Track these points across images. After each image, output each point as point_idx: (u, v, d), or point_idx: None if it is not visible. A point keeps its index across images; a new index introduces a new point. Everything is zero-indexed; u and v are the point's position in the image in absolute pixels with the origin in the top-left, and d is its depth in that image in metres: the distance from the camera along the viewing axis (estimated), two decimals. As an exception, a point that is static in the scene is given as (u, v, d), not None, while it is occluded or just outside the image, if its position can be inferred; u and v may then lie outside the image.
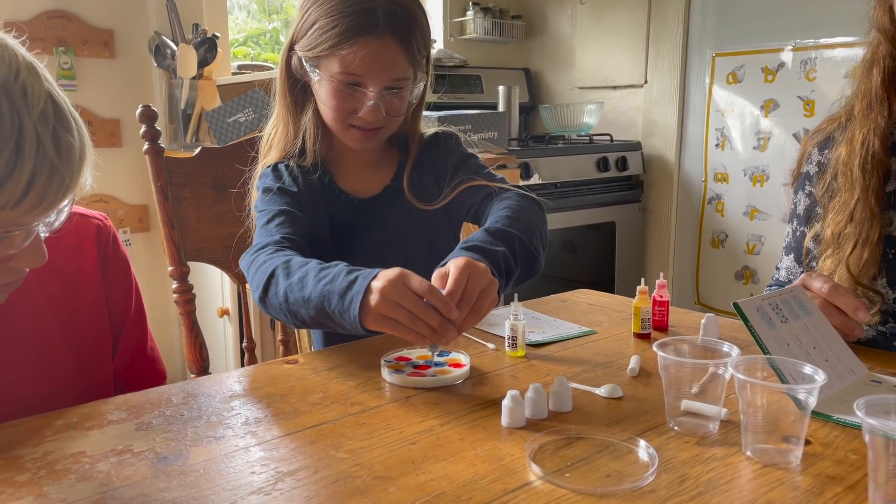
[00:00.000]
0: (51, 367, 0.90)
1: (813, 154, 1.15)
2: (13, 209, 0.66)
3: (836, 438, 0.72)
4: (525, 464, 0.66)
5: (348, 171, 1.21)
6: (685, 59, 3.00)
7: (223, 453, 0.68)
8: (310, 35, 1.07)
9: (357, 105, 1.09)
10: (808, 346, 0.85)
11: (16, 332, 0.87)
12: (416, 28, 1.08)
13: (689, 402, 0.75)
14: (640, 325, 1.04)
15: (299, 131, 1.18)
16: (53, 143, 0.68)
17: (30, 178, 0.66)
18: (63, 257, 0.91)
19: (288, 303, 0.91)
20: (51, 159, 0.67)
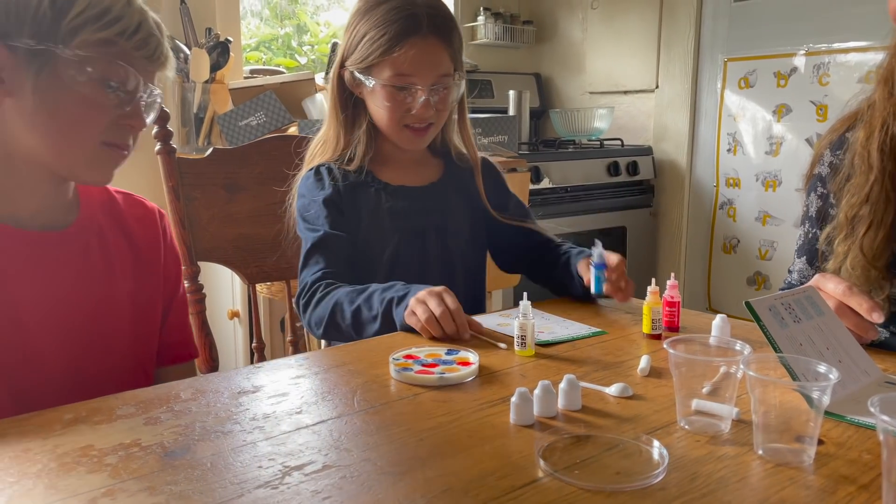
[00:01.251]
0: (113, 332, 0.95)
1: (825, 155, 1.15)
2: (128, 40, 0.84)
3: (849, 438, 0.71)
4: (533, 461, 0.66)
5: (392, 169, 1.29)
6: (697, 63, 2.99)
7: (230, 448, 0.68)
8: (360, 48, 1.19)
9: (409, 104, 1.19)
10: (822, 347, 0.84)
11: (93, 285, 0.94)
12: (454, 29, 1.21)
13: (701, 401, 0.74)
14: (650, 325, 1.03)
15: (351, 142, 1.27)
16: (153, 20, 0.88)
17: (138, 21, 0.85)
18: (134, 223, 1.01)
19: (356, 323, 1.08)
20: (150, 25, 0.87)
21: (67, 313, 0.90)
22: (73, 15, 0.81)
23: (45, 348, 0.88)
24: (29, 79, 0.82)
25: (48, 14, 0.81)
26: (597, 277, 1.11)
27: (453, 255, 1.27)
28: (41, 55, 0.81)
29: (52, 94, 0.83)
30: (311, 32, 3.50)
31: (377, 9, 1.18)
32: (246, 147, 1.50)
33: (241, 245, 1.47)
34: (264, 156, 1.50)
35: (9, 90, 0.83)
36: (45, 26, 0.81)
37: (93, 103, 0.85)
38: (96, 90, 0.85)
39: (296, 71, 3.11)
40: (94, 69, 0.83)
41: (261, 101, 2.37)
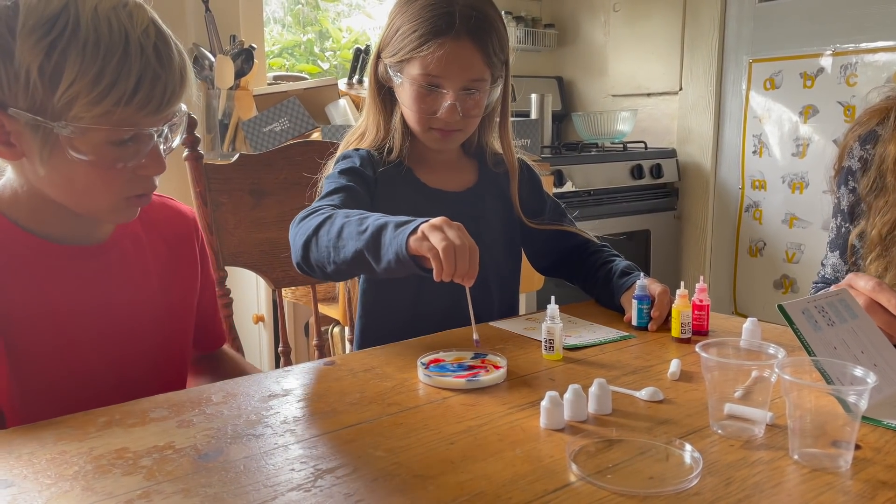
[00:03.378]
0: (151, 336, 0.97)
1: (854, 149, 1.13)
2: (126, 106, 0.78)
3: (887, 443, 0.69)
4: (565, 465, 0.65)
5: (430, 169, 1.26)
6: (721, 65, 2.96)
7: (262, 451, 0.69)
8: (394, 41, 1.15)
9: (436, 106, 1.15)
10: (856, 350, 0.83)
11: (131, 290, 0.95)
12: (492, 31, 1.14)
13: (733, 406, 0.73)
14: (679, 329, 1.02)
15: (390, 131, 1.24)
16: (155, 54, 0.80)
17: (137, 78, 0.78)
18: (169, 227, 1.02)
19: (339, 237, 0.96)
20: (153, 66, 0.79)
21: (107, 320, 0.92)
22: (64, 88, 0.76)
23: (88, 355, 0.90)
24: (36, 147, 0.80)
25: (39, 87, 0.76)
26: (639, 310, 1.09)
27: (486, 264, 1.19)
28: (41, 128, 0.78)
29: (60, 164, 0.81)
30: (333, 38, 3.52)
31: (416, 2, 1.13)
32: (271, 153, 1.51)
33: (266, 250, 1.48)
34: (289, 161, 1.51)
35: (21, 153, 0.81)
36: (38, 99, 0.77)
37: (105, 167, 0.82)
38: (106, 153, 0.81)
39: (318, 77, 3.13)
40: (98, 140, 0.80)
41: (285, 106, 2.39)
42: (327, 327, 2.29)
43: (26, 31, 0.76)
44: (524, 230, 1.29)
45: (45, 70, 0.76)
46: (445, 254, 0.85)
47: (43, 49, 0.75)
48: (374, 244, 0.93)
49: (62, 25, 0.76)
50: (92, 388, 0.88)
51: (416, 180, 1.23)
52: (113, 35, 0.77)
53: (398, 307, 1.22)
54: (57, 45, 0.76)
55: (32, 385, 0.85)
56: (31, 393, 0.85)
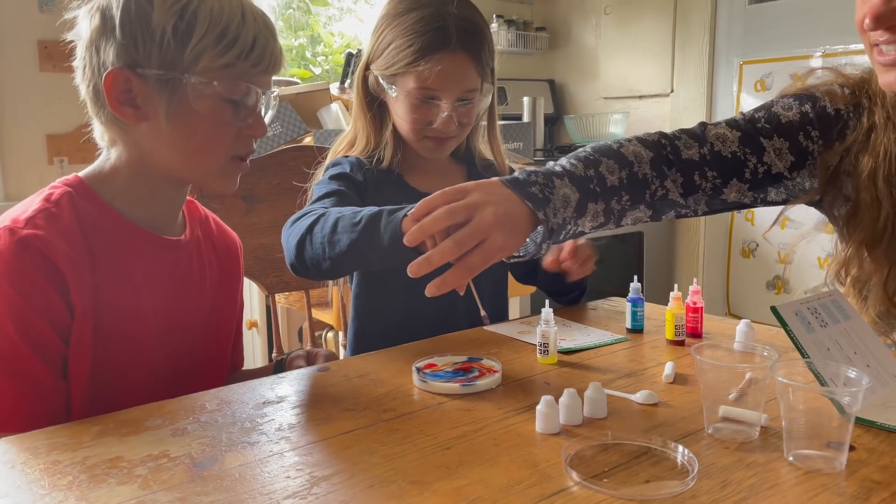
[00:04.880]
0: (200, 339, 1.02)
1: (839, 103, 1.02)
2: (245, 60, 0.88)
3: (881, 444, 0.70)
4: (561, 469, 0.65)
5: (420, 174, 1.26)
6: (712, 67, 2.97)
7: (258, 458, 0.68)
8: (386, 54, 1.15)
9: (432, 117, 1.16)
10: (849, 351, 0.83)
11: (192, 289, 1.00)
12: (484, 41, 1.17)
13: (728, 408, 0.73)
14: (673, 331, 1.03)
15: (380, 143, 1.24)
16: (264, 23, 0.91)
17: (253, 37, 0.88)
18: (221, 244, 1.08)
19: (334, 232, 0.97)
20: (264, 31, 0.90)
21: (170, 313, 0.96)
22: (195, 42, 0.85)
23: (151, 344, 0.94)
24: (162, 105, 0.87)
25: (172, 43, 0.85)
26: (633, 313, 1.09)
27: None
28: (170, 83, 0.87)
29: (183, 119, 0.88)
30: (324, 43, 3.52)
31: (407, 15, 1.14)
32: (263, 158, 1.51)
33: (260, 256, 1.48)
34: (282, 167, 1.51)
35: (144, 115, 0.88)
36: (170, 55, 0.86)
37: (220, 122, 0.90)
38: (222, 109, 0.90)
39: (310, 81, 3.13)
40: (219, 92, 0.88)
41: (276, 111, 2.38)
42: (321, 332, 2.29)
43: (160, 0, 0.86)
44: None
45: (178, 29, 0.86)
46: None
47: (177, 12, 0.86)
48: (369, 232, 0.93)
49: None
50: (149, 375, 0.93)
51: (406, 185, 1.23)
52: (232, 4, 0.88)
53: (390, 309, 1.22)
54: (188, 7, 0.86)
55: (104, 360, 0.88)
56: (100, 376, 0.88)
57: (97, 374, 0.88)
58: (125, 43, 0.86)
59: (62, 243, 0.85)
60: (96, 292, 0.87)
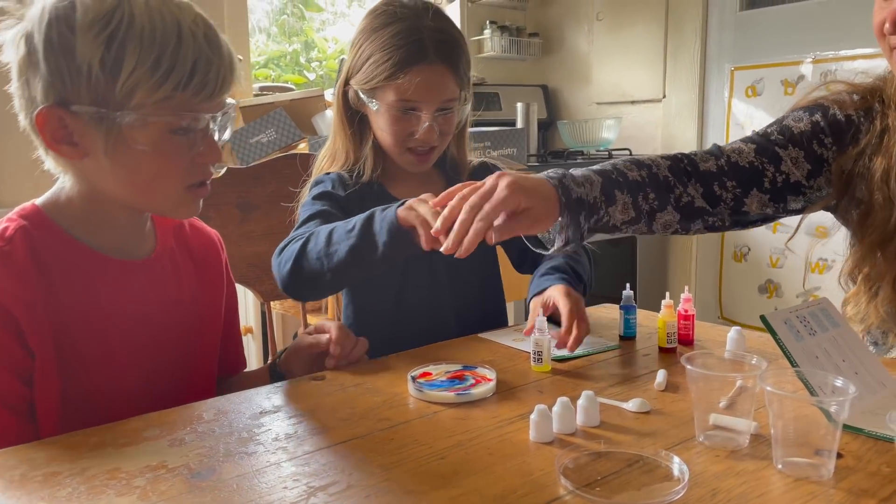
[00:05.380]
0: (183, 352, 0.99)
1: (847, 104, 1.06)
2: (184, 90, 0.82)
3: (868, 451, 0.71)
4: (555, 478, 0.66)
5: (400, 184, 1.27)
6: (704, 72, 3.00)
7: (255, 469, 0.69)
8: (365, 69, 1.17)
9: (413, 128, 1.17)
10: (837, 359, 0.84)
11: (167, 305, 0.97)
12: (460, 51, 1.18)
13: (719, 416, 0.75)
14: (665, 339, 1.04)
15: (359, 158, 1.25)
16: (206, 41, 0.83)
17: (192, 63, 0.81)
18: (199, 248, 1.04)
19: (329, 243, 1.02)
20: (206, 52, 0.83)
21: (145, 333, 0.94)
22: (126, 76, 0.79)
23: (126, 367, 0.92)
24: (100, 141, 0.82)
25: (101, 78, 0.79)
26: (626, 320, 1.10)
27: (463, 270, 1.24)
28: (105, 120, 0.81)
29: (125, 155, 0.83)
30: (318, 48, 3.53)
31: (383, 30, 1.15)
32: (258, 166, 1.52)
33: (255, 263, 1.48)
34: (276, 174, 1.52)
35: (84, 151, 0.83)
36: (100, 91, 0.80)
37: (165, 155, 0.85)
38: (166, 142, 0.84)
39: (304, 87, 3.13)
40: (159, 125, 0.83)
41: (271, 118, 2.39)
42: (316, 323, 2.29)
43: (85, 27, 0.79)
44: None
45: (106, 62, 0.79)
46: (435, 217, 0.92)
47: (103, 42, 0.79)
48: (365, 234, 0.99)
49: (118, 19, 0.79)
50: (127, 400, 0.90)
51: (388, 196, 1.24)
52: (166, 25, 0.81)
53: (380, 315, 1.24)
54: (116, 36, 0.79)
55: (75, 393, 0.87)
56: (72, 400, 0.86)
57: (68, 409, 0.85)
58: (51, 80, 0.80)
59: (15, 286, 0.82)
60: (57, 329, 0.84)
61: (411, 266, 1.22)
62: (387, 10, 1.17)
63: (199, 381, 1.02)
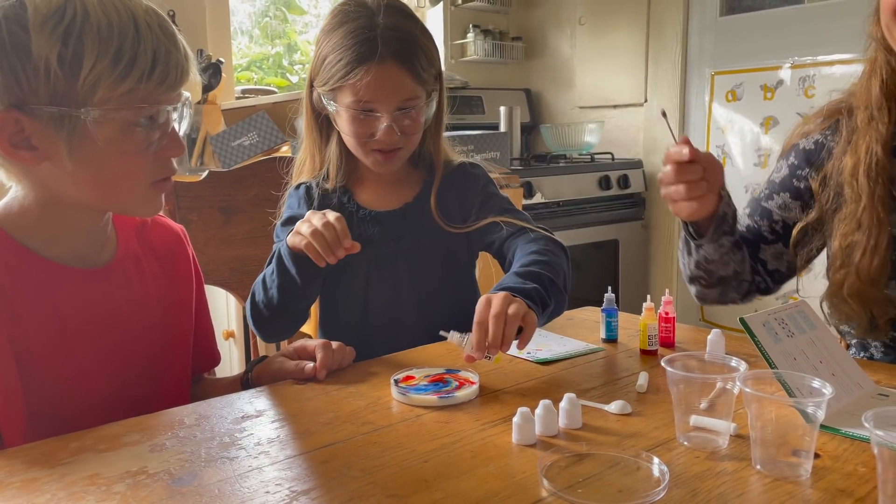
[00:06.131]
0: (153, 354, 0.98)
1: (814, 133, 1.15)
2: (148, 81, 0.80)
3: (844, 452, 0.72)
4: (537, 480, 0.67)
5: (371, 189, 1.26)
6: (684, 77, 3.03)
7: (237, 474, 0.69)
8: (323, 71, 1.15)
9: (373, 129, 1.15)
10: (815, 361, 0.86)
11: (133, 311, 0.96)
12: (417, 49, 1.14)
13: (699, 418, 0.75)
14: (646, 341, 1.05)
15: (325, 161, 1.25)
16: (162, 31, 0.82)
17: (153, 53, 0.80)
18: (163, 246, 1.02)
19: (265, 291, 1.11)
20: (164, 42, 0.81)
21: (112, 341, 0.92)
22: (87, 71, 0.76)
23: (95, 377, 0.90)
24: (62, 142, 0.79)
25: (60, 76, 0.76)
26: (608, 323, 1.11)
27: (428, 278, 1.21)
28: (67, 120, 0.78)
29: (89, 155, 0.81)
30: (301, 51, 3.52)
31: (337, 30, 1.13)
32: (241, 169, 1.51)
33: (237, 267, 1.47)
34: (259, 178, 1.51)
35: (44, 155, 0.80)
36: (60, 89, 0.77)
37: (130, 151, 0.83)
38: (130, 138, 0.82)
39: (287, 90, 3.13)
40: (122, 120, 0.81)
41: (253, 121, 2.38)
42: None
43: (38, 24, 0.76)
44: (476, 234, 1.23)
45: (64, 58, 0.76)
46: (313, 237, 1.01)
47: (59, 38, 0.76)
48: (282, 271, 1.08)
49: (72, 13, 0.77)
50: (97, 409, 0.88)
51: (353, 203, 1.24)
52: (121, 16, 0.79)
53: (348, 319, 1.23)
54: (72, 31, 0.76)
55: (40, 405, 0.85)
56: (38, 413, 0.85)
57: (35, 421, 0.84)
58: (6, 81, 0.76)
59: None
60: (17, 342, 0.83)
61: (374, 274, 1.21)
62: (342, 9, 1.15)
63: (172, 384, 1.00)
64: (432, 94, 1.18)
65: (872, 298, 1.03)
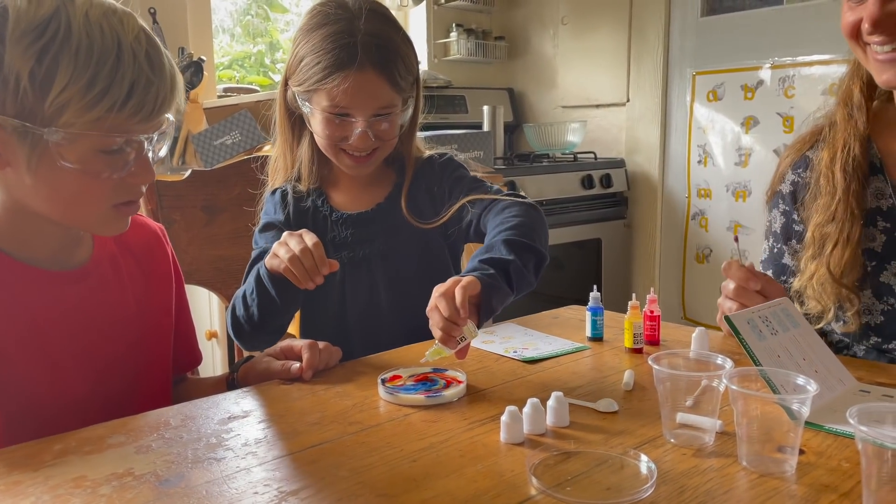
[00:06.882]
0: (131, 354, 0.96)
1: (788, 174, 1.18)
2: (119, 112, 0.77)
3: (828, 447, 0.73)
4: (526, 479, 0.67)
5: (344, 190, 1.26)
6: (666, 77, 3.05)
7: (224, 475, 0.68)
8: (299, 72, 1.14)
9: (347, 133, 1.14)
10: (798, 358, 0.87)
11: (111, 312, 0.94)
12: (396, 57, 1.13)
13: (685, 415, 0.76)
14: (632, 339, 1.05)
15: (297, 160, 1.24)
16: (147, 60, 0.79)
17: (130, 84, 0.77)
18: (141, 247, 1.01)
19: (246, 307, 1.09)
20: (146, 72, 0.79)
21: (90, 343, 0.91)
22: (56, 93, 0.75)
23: (72, 379, 0.89)
24: (23, 155, 0.78)
25: (29, 92, 0.75)
26: (593, 321, 1.11)
27: (404, 278, 1.20)
28: (30, 135, 0.76)
29: (48, 172, 0.79)
30: (283, 50, 3.50)
31: (316, 31, 1.11)
32: (224, 168, 1.50)
33: (220, 266, 1.46)
34: (243, 177, 1.50)
35: (6, 161, 0.79)
36: (27, 105, 0.75)
37: (93, 175, 0.80)
38: (94, 162, 0.80)
39: (269, 88, 3.11)
40: (86, 145, 0.78)
41: (236, 119, 2.36)
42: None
43: (17, 36, 0.75)
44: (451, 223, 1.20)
45: (35, 75, 0.75)
46: (291, 263, 0.99)
47: (34, 54, 0.74)
48: (261, 291, 1.07)
49: (53, 30, 0.75)
50: (76, 412, 0.87)
51: (327, 207, 1.23)
52: (105, 41, 0.77)
53: (324, 321, 1.23)
54: (49, 49, 0.75)
55: (17, 409, 0.84)
56: (15, 416, 0.84)
57: (12, 425, 0.83)
58: None
59: None
60: None
61: (350, 276, 1.20)
62: (322, 10, 1.13)
63: (152, 384, 0.99)
64: (409, 101, 1.17)
65: (841, 289, 1.05)
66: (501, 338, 1.14)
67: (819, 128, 1.16)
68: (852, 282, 1.06)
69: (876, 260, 1.07)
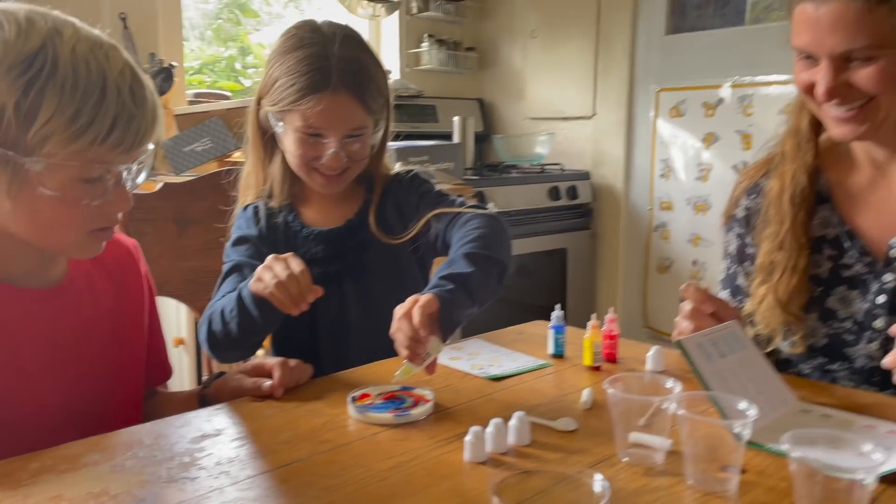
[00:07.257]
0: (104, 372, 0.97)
1: (742, 200, 1.24)
2: (101, 145, 0.80)
3: (768, 467, 0.78)
4: (487, 498, 0.71)
5: (314, 206, 1.29)
6: (631, 93, 3.12)
7: (198, 494, 0.71)
8: (273, 91, 1.16)
9: (319, 153, 1.17)
10: (744, 379, 0.92)
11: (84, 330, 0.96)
12: (369, 81, 1.17)
13: (637, 435, 0.81)
14: (591, 358, 1.10)
15: (268, 177, 1.27)
16: (130, 95, 0.82)
17: (113, 118, 0.80)
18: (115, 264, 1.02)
19: (224, 323, 1.09)
20: (129, 107, 0.81)
21: (63, 358, 0.93)
22: (40, 125, 0.77)
23: (45, 396, 0.90)
24: (4, 180, 0.80)
25: (13, 123, 0.77)
26: (555, 339, 1.15)
27: (374, 295, 1.22)
28: (11, 163, 0.79)
29: (26, 199, 0.82)
30: (254, 54, 3.50)
31: (291, 54, 1.15)
32: (196, 180, 1.52)
33: (192, 278, 1.48)
34: (215, 189, 1.51)
35: None
36: (10, 134, 0.78)
37: (72, 203, 0.83)
38: (73, 189, 0.82)
39: (240, 93, 3.11)
40: (67, 175, 0.81)
41: (206, 126, 2.37)
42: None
43: (4, 69, 0.77)
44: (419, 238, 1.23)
45: (21, 107, 0.77)
46: (278, 289, 1.00)
47: (20, 87, 0.77)
48: (242, 311, 1.06)
49: (40, 64, 0.78)
50: (50, 427, 0.88)
51: (298, 223, 1.26)
52: (91, 76, 0.79)
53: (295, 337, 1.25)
54: (35, 83, 0.77)
55: None
56: None
57: None
58: None
59: None
60: None
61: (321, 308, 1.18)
62: (297, 33, 1.17)
63: (125, 399, 1.01)
64: (379, 122, 1.21)
65: (787, 315, 1.11)
66: (468, 353, 1.17)
67: (771, 156, 1.21)
68: (798, 308, 1.11)
69: (822, 286, 1.13)
